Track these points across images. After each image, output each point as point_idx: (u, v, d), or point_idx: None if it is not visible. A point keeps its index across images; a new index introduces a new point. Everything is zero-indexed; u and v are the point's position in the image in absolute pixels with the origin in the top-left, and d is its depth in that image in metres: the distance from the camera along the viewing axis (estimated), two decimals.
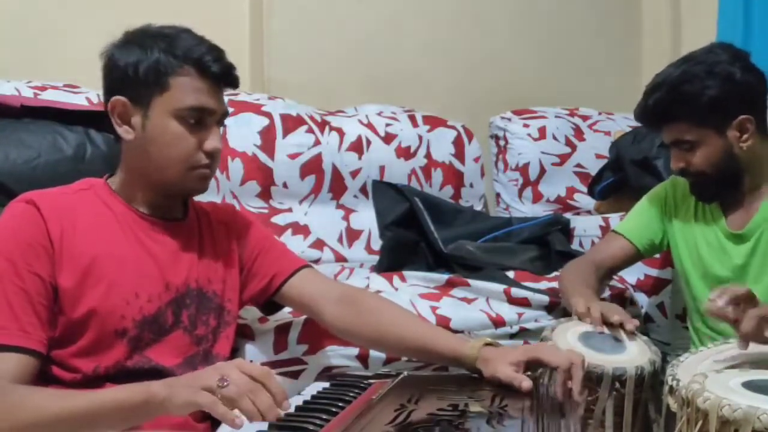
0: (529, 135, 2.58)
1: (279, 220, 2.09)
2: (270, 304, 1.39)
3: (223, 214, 1.37)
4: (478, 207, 2.47)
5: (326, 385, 1.17)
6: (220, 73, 1.19)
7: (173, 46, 1.17)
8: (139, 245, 1.19)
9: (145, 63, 1.16)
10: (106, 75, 1.22)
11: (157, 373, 1.16)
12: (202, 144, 1.18)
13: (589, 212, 2.51)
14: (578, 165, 2.58)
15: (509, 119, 2.63)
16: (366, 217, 2.22)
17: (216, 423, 1.03)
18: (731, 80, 1.46)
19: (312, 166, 2.16)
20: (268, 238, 1.42)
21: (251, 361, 1.45)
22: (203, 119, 1.18)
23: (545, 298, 1.70)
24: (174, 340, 1.19)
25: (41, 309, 1.08)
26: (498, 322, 1.65)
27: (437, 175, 2.38)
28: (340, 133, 2.25)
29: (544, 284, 1.79)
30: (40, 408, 0.99)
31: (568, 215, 2.39)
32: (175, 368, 1.18)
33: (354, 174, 2.24)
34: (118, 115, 1.19)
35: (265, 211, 2.08)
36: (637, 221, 1.70)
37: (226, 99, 2.02)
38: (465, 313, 1.64)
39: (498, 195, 2.63)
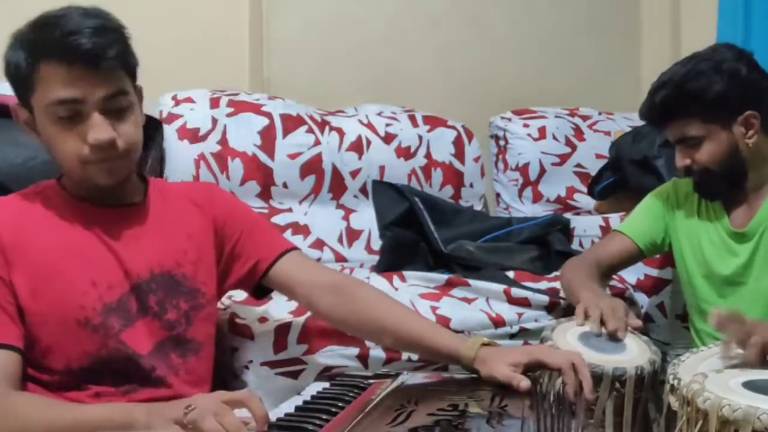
0: (529, 135, 2.58)
1: (279, 220, 2.09)
2: (260, 288, 1.35)
3: (198, 195, 1.31)
4: (478, 207, 2.47)
5: (326, 385, 1.17)
6: (86, 53, 1.05)
7: (35, 35, 1.09)
8: (93, 236, 1.16)
9: (15, 62, 1.10)
10: None
11: (132, 361, 1.14)
12: (85, 137, 1.08)
13: (589, 212, 2.51)
14: (578, 165, 2.58)
15: (509, 119, 2.63)
16: (366, 217, 2.22)
17: None
18: (737, 76, 1.48)
19: (312, 166, 2.16)
20: (252, 219, 1.36)
21: (251, 361, 1.45)
22: (79, 111, 1.07)
23: (545, 298, 1.70)
24: (143, 326, 1.16)
25: (8, 306, 1.08)
26: (498, 322, 1.65)
27: (437, 175, 2.38)
28: (340, 133, 2.25)
29: (544, 284, 1.79)
30: (26, 418, 0.98)
31: (568, 215, 2.39)
32: (148, 356, 1.16)
33: (354, 174, 2.24)
34: (23, 124, 1.15)
35: (265, 211, 2.08)
36: (639, 220, 1.71)
37: (226, 100, 2.06)
38: (465, 313, 1.64)
39: (498, 195, 2.63)
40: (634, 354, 1.32)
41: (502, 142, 2.63)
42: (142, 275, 1.18)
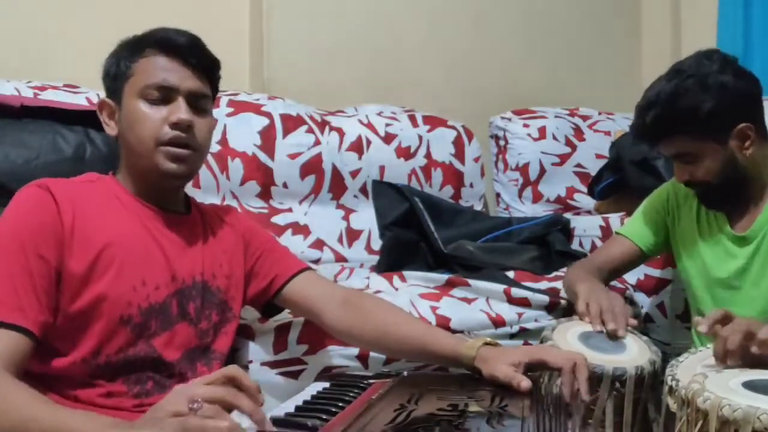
0: (529, 135, 2.58)
1: (279, 220, 2.09)
2: (269, 306, 1.39)
3: (226, 215, 1.37)
4: (478, 207, 2.47)
5: (326, 385, 1.17)
6: (183, 47, 1.21)
7: (140, 38, 1.23)
8: (147, 233, 1.19)
9: (115, 59, 1.23)
10: None
11: (158, 366, 1.16)
12: (168, 118, 1.18)
13: (589, 212, 2.51)
14: (578, 165, 2.58)
15: (509, 119, 2.63)
16: (366, 217, 2.22)
17: None
18: (725, 90, 1.44)
19: (312, 166, 2.16)
20: (271, 240, 1.42)
21: (251, 361, 1.45)
22: (169, 96, 1.19)
23: (545, 298, 1.70)
24: (180, 331, 1.19)
25: (42, 292, 1.07)
26: (498, 322, 1.65)
27: (437, 175, 2.38)
28: (340, 133, 2.25)
29: (544, 284, 1.79)
30: (3, 411, 0.94)
31: (568, 215, 2.39)
32: (176, 362, 1.18)
33: (354, 174, 2.24)
34: (106, 115, 1.25)
35: (265, 211, 2.08)
36: (640, 223, 1.70)
37: (226, 99, 2.07)
38: (465, 313, 1.64)
39: (498, 195, 2.64)
40: (634, 354, 1.32)
41: (502, 142, 2.63)
42: (186, 281, 1.21)
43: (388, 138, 2.31)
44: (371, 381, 1.15)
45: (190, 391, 0.83)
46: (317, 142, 2.18)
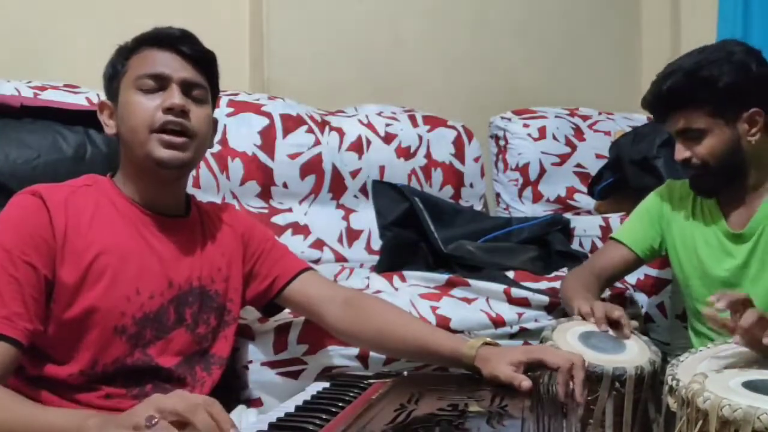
0: (529, 135, 2.58)
1: (279, 220, 2.09)
2: (269, 305, 1.39)
3: (225, 214, 1.36)
4: (478, 207, 2.47)
5: (326, 385, 1.17)
6: (174, 38, 1.21)
7: (133, 39, 1.23)
8: (142, 241, 1.18)
9: (111, 62, 1.24)
10: None
11: (156, 373, 1.16)
12: (161, 105, 1.17)
13: (589, 212, 2.51)
14: (578, 165, 2.58)
15: (509, 119, 2.63)
16: (366, 217, 2.22)
17: None
18: (747, 70, 1.46)
19: (312, 166, 2.16)
20: (270, 239, 1.41)
21: (251, 361, 1.45)
22: (163, 85, 1.18)
23: (545, 298, 1.70)
24: (177, 338, 1.19)
25: (30, 300, 1.06)
26: (498, 322, 1.65)
27: (437, 175, 2.38)
28: (340, 133, 2.25)
29: (544, 284, 1.79)
30: None
31: (568, 215, 2.39)
32: (174, 368, 1.18)
33: (354, 174, 2.24)
34: (106, 116, 1.24)
35: (265, 211, 2.08)
36: (635, 227, 1.70)
37: (226, 99, 2.07)
38: (465, 313, 1.64)
39: (498, 195, 2.64)
40: (634, 354, 1.33)
41: (502, 142, 2.63)
42: (183, 287, 1.21)
43: (388, 138, 2.32)
44: (371, 381, 1.15)
45: (161, 402, 0.80)
46: (317, 142, 2.18)
